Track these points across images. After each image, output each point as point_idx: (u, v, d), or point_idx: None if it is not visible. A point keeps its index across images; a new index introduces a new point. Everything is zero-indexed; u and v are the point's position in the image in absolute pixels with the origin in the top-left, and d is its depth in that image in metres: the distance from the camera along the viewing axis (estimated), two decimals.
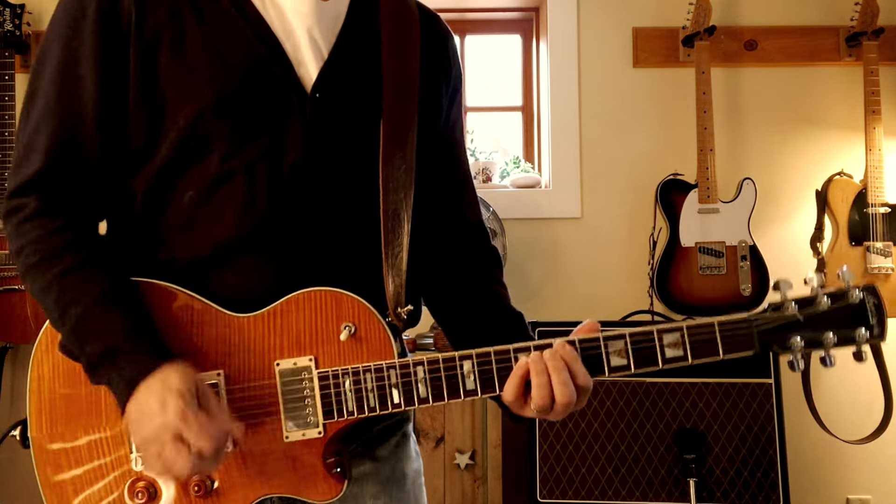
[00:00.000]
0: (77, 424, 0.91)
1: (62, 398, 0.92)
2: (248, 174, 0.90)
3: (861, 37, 2.48)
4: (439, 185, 1.07)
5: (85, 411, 0.91)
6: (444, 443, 2.12)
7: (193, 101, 0.89)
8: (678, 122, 2.60)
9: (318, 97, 0.93)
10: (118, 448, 0.90)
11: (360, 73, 0.97)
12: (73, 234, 0.90)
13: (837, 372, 2.56)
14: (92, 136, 0.90)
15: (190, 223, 0.91)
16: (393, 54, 0.98)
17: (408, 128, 0.98)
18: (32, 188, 0.90)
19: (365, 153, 0.95)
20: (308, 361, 0.89)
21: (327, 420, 0.89)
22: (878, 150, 2.42)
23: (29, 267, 0.89)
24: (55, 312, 0.88)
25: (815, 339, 0.85)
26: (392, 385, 0.88)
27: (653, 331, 0.86)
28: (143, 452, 0.83)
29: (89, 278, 0.88)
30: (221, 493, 0.89)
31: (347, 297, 0.90)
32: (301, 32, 0.93)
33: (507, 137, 2.96)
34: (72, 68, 0.89)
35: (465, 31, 2.91)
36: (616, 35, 2.66)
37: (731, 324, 0.86)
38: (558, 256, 2.61)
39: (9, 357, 2.52)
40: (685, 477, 2.11)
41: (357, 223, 0.95)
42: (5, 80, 2.42)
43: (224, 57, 0.90)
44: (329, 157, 0.93)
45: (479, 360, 0.88)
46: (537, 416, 0.88)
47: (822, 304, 0.85)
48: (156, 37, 0.89)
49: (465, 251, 1.08)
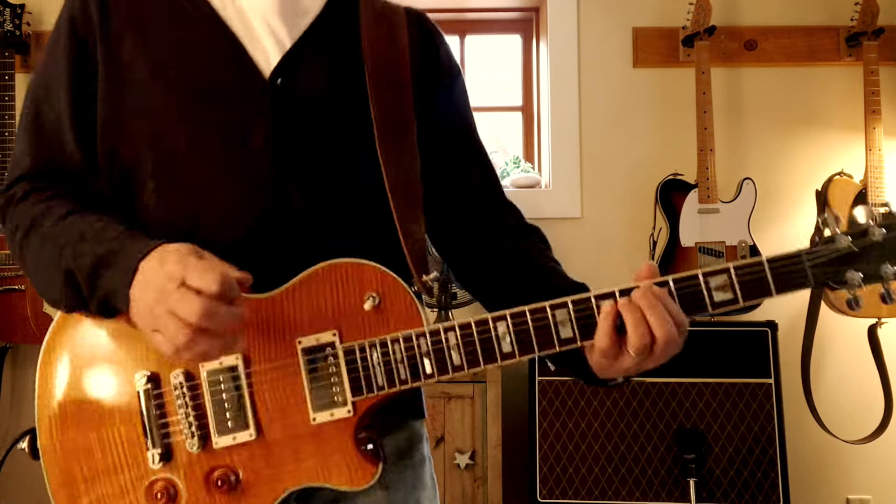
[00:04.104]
0: (89, 427, 0.88)
1: (72, 402, 0.89)
2: (211, 162, 0.91)
3: (861, 37, 2.48)
4: (456, 166, 1.05)
5: (96, 413, 0.89)
6: (444, 443, 2.12)
7: (154, 97, 0.91)
8: (678, 122, 2.60)
9: (280, 84, 0.93)
10: (133, 448, 0.87)
11: (334, 62, 0.97)
12: (63, 197, 0.91)
13: (837, 372, 2.56)
14: (72, 144, 0.93)
15: (156, 216, 0.91)
16: (376, 48, 0.98)
17: (402, 105, 0.97)
18: (23, 179, 0.94)
19: (350, 133, 0.95)
20: (332, 336, 0.85)
21: (356, 397, 0.84)
22: (878, 150, 2.42)
23: (23, 238, 0.90)
24: (53, 259, 0.86)
25: (873, 273, 0.79)
26: (423, 354, 0.83)
27: (698, 274, 0.81)
28: (153, 327, 0.79)
29: (80, 218, 0.87)
30: (247, 486, 0.85)
31: (370, 267, 0.86)
32: (259, 25, 0.95)
33: (507, 137, 2.96)
34: (50, 79, 0.95)
35: (465, 31, 2.90)
36: (616, 35, 2.66)
37: (782, 259, 0.81)
38: (558, 256, 2.59)
39: (9, 357, 2.52)
40: (685, 477, 2.11)
41: (340, 201, 0.94)
42: (5, 80, 2.42)
43: (182, 53, 0.93)
44: (296, 143, 0.92)
45: (514, 322, 0.82)
46: (635, 364, 0.80)
47: (876, 234, 0.79)
48: (119, 43, 0.94)
49: (507, 229, 1.05)
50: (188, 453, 0.87)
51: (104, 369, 0.90)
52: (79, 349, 0.91)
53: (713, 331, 2.23)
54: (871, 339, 2.41)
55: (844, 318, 2.42)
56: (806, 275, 0.80)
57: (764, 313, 2.32)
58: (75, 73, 0.94)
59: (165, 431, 0.88)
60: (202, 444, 0.87)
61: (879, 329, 2.40)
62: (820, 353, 2.52)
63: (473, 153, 1.08)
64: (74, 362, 0.90)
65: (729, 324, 2.28)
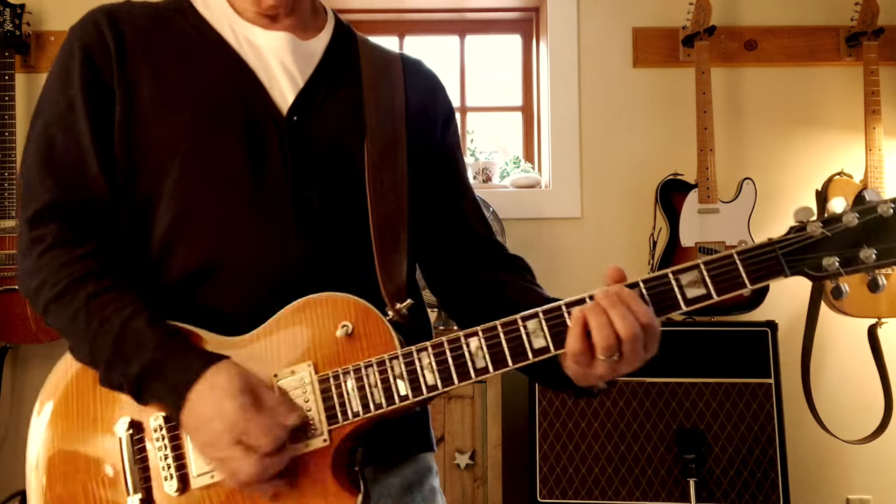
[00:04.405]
0: (75, 479, 0.89)
1: (59, 456, 0.90)
2: (226, 197, 0.91)
3: (861, 37, 2.49)
4: (441, 204, 1.08)
5: (82, 464, 0.89)
6: (444, 443, 2.12)
7: (171, 124, 0.91)
8: (678, 122, 2.60)
9: (296, 120, 0.95)
10: (116, 496, 0.88)
11: (339, 100, 0.99)
12: (96, 260, 0.90)
13: (837, 372, 2.56)
14: (95, 171, 0.92)
15: (171, 246, 0.91)
16: (374, 84, 1.01)
17: (395, 146, 1.00)
18: (50, 216, 0.91)
19: (348, 171, 0.96)
20: (307, 367, 0.86)
21: (332, 426, 0.85)
22: (878, 150, 2.42)
23: (51, 300, 0.89)
24: (87, 339, 0.87)
25: (850, 257, 0.77)
26: (396, 376, 0.84)
27: (668, 273, 0.81)
28: (206, 458, 0.84)
29: (117, 301, 0.87)
30: None
31: (342, 298, 0.88)
32: (275, 64, 0.97)
33: (507, 137, 2.96)
34: (65, 106, 0.93)
35: (465, 31, 2.90)
36: (616, 35, 2.67)
37: (753, 251, 0.80)
38: (558, 256, 2.61)
39: (9, 357, 2.52)
40: (685, 477, 2.11)
41: (344, 233, 0.95)
42: (5, 80, 2.42)
43: (200, 84, 0.93)
44: (310, 177, 0.94)
45: (486, 337, 0.83)
46: (608, 368, 0.81)
47: (850, 219, 0.77)
48: (136, 72, 0.93)
49: (485, 260, 1.07)
50: (168, 497, 0.87)
51: (90, 420, 0.91)
52: (66, 403, 0.92)
53: (713, 331, 2.23)
54: (871, 339, 2.41)
55: (844, 318, 2.42)
56: (780, 264, 0.79)
57: (764, 313, 2.32)
58: (93, 100, 0.92)
59: (146, 475, 0.88)
60: (182, 487, 0.87)
61: (879, 329, 2.40)
62: (820, 353, 2.52)
63: (460, 191, 1.11)
64: (63, 418, 0.91)
65: (729, 324, 2.29)
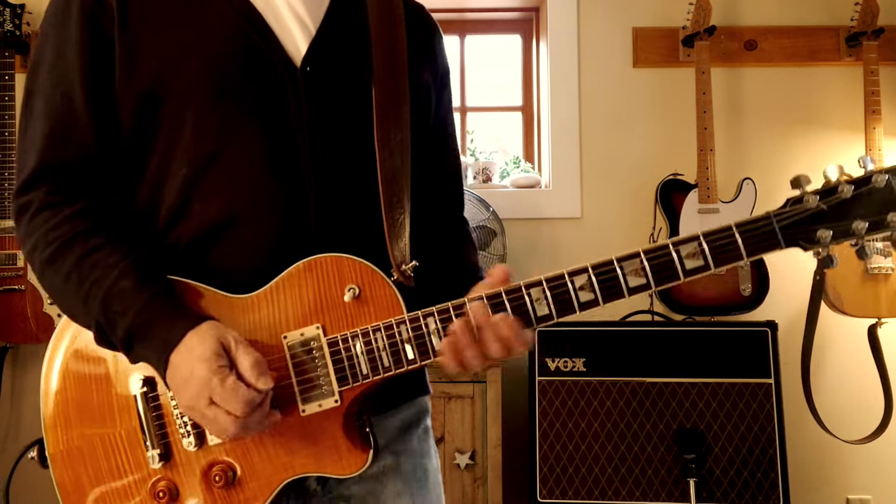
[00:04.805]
0: (92, 430, 0.90)
1: (74, 406, 0.91)
2: (242, 148, 0.90)
3: (861, 37, 2.48)
4: (430, 176, 1.07)
5: (98, 416, 0.90)
6: (444, 443, 2.12)
7: (181, 73, 0.89)
8: (678, 122, 2.60)
9: (310, 70, 0.93)
10: (134, 450, 0.90)
11: (350, 49, 0.98)
12: (85, 220, 0.90)
13: (837, 372, 2.56)
14: (85, 127, 0.90)
15: (186, 202, 0.91)
16: (381, 34, 1.00)
17: (400, 101, 0.99)
18: (35, 183, 0.91)
19: (359, 125, 0.96)
20: (315, 330, 0.87)
21: (342, 387, 0.87)
22: (878, 150, 2.42)
23: (43, 263, 0.89)
24: (78, 300, 0.87)
25: (844, 229, 0.80)
26: (404, 341, 0.86)
27: (668, 244, 0.83)
28: (190, 418, 0.86)
29: (105, 260, 0.87)
30: (244, 481, 0.88)
31: (348, 260, 0.88)
32: (285, 10, 0.95)
33: (507, 137, 2.96)
34: (59, 66, 0.91)
35: (465, 31, 2.90)
36: (616, 35, 2.66)
37: (750, 223, 0.82)
38: (558, 256, 2.61)
39: (9, 357, 2.52)
40: (685, 477, 2.10)
41: (355, 190, 0.95)
42: (5, 80, 2.42)
43: (208, 32, 0.91)
44: (324, 131, 0.93)
45: (491, 302, 0.85)
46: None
47: (845, 191, 0.80)
48: (140, 18, 0.90)
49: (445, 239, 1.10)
50: (186, 452, 0.89)
51: (103, 375, 0.92)
52: (79, 356, 0.93)
53: (713, 331, 2.23)
54: (871, 339, 2.41)
55: (844, 318, 2.42)
56: (776, 236, 0.82)
57: (764, 313, 2.32)
58: (91, 48, 0.90)
59: (163, 432, 0.89)
60: (199, 443, 0.89)
61: (879, 329, 2.39)
62: (820, 353, 2.51)
63: (451, 148, 1.13)
64: (75, 369, 0.92)
65: (729, 324, 2.29)
